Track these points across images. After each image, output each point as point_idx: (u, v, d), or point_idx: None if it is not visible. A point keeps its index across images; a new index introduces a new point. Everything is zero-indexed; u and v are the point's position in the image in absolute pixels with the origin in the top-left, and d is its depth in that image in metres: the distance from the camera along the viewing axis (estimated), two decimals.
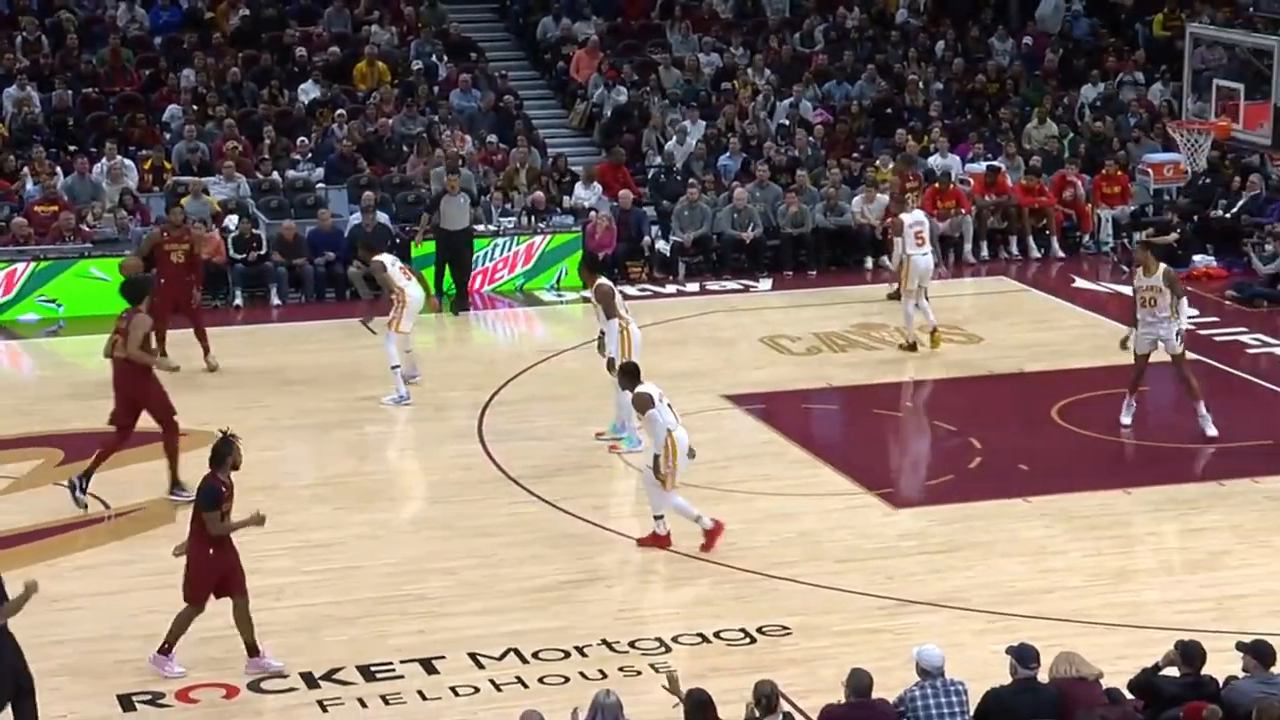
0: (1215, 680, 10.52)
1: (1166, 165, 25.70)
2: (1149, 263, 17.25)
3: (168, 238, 19.52)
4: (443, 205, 22.68)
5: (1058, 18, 30.47)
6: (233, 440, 12.38)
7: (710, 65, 28.54)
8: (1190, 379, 17.22)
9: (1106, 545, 14.75)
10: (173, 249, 19.45)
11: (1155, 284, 17.07)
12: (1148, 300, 17.13)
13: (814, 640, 12.92)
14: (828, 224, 24.43)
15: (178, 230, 19.70)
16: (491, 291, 23.28)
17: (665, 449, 14.28)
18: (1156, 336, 17.12)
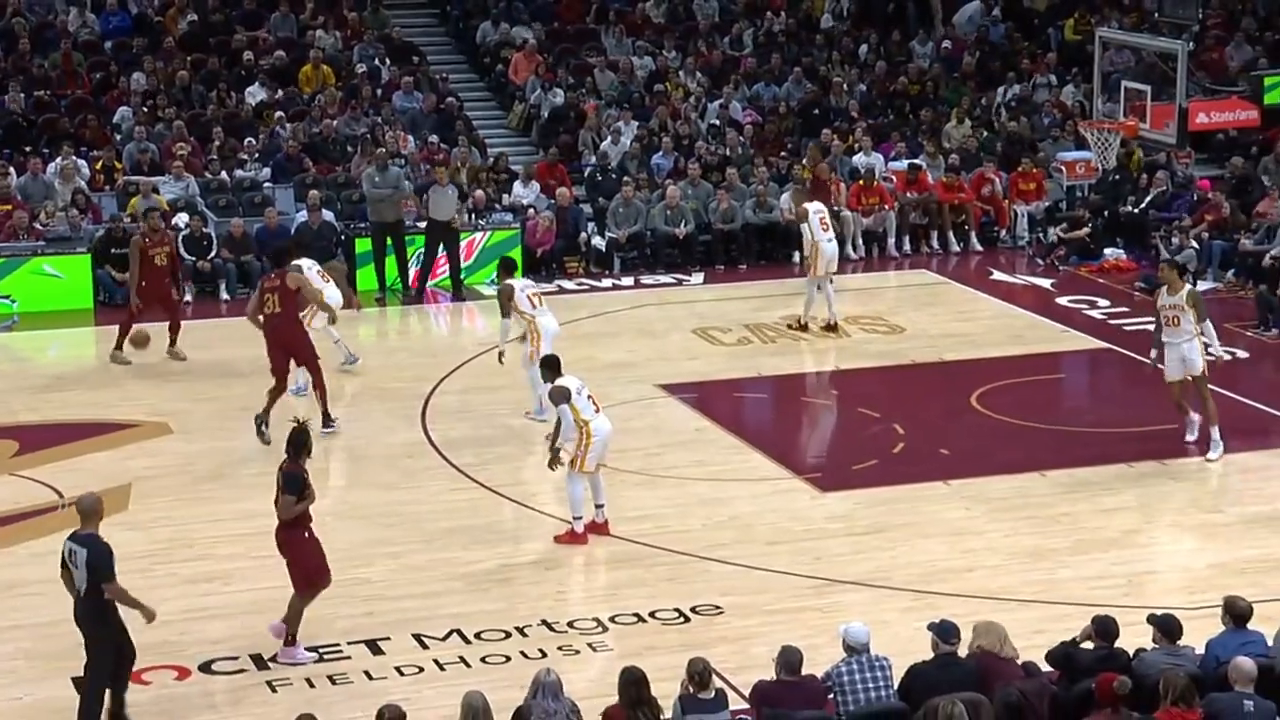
0: (1126, 652, 10.61)
1: (1079, 163, 25.84)
2: (1173, 281, 16.37)
3: (149, 242, 19.40)
4: (430, 195, 22.65)
5: (973, 26, 30.60)
6: (308, 429, 12.34)
7: (643, 68, 28.52)
8: (1208, 400, 16.38)
9: (1023, 525, 14.85)
10: (156, 252, 19.36)
11: (1178, 303, 16.21)
12: (1171, 320, 16.26)
13: (745, 619, 12.95)
14: (757, 220, 24.45)
15: (157, 234, 19.59)
16: (434, 286, 23.18)
17: (580, 439, 14.20)
18: (1182, 357, 16.23)
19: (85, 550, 10.81)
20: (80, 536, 10.94)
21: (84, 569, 10.79)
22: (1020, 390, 18.59)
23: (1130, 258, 24.15)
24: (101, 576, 10.78)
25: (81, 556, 10.81)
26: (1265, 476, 16.30)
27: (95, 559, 10.78)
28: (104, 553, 10.82)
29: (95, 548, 10.83)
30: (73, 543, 10.96)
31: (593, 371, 18.93)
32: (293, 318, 17.02)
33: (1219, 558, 14.10)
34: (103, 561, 10.78)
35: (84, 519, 11.02)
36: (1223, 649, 10.59)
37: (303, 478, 12.15)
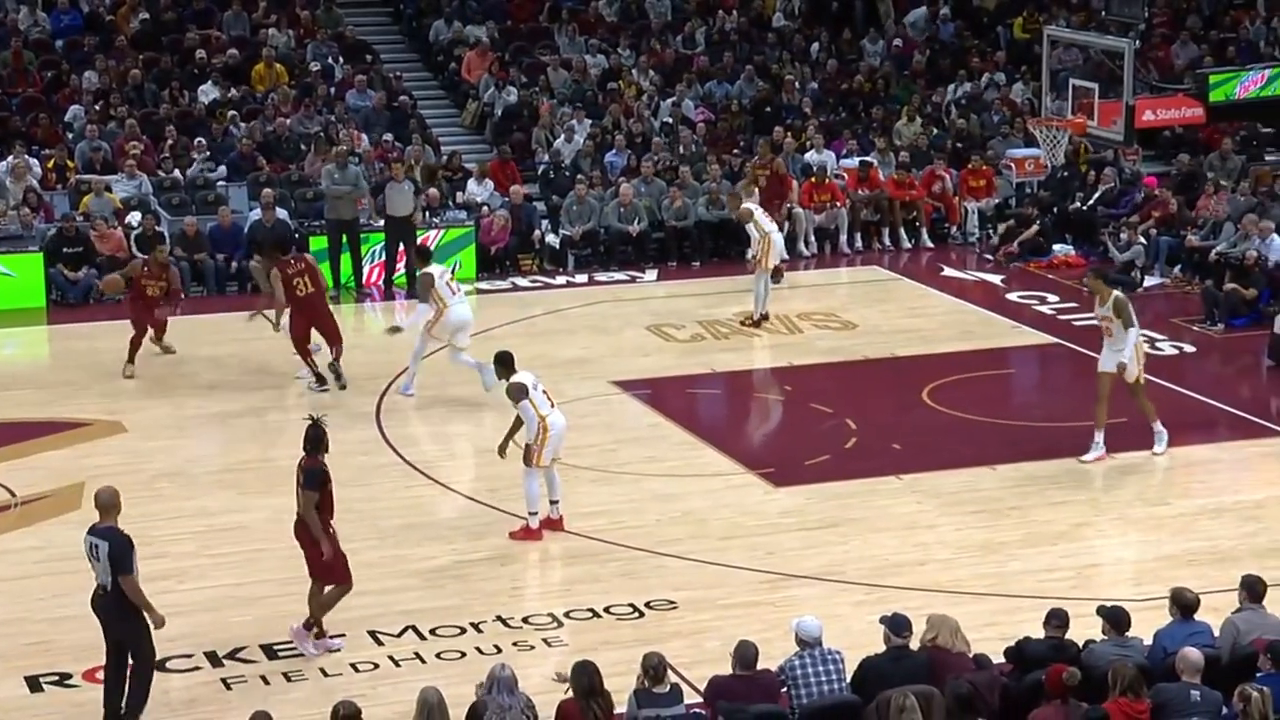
0: (1076, 644, 10.69)
1: (1028, 160, 26.00)
2: (1100, 290, 16.11)
3: (147, 273, 19.06)
4: (388, 192, 22.59)
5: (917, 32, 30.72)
6: (323, 424, 12.33)
7: (597, 66, 28.51)
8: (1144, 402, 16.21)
9: (974, 519, 14.93)
10: (149, 284, 19.03)
11: (1107, 313, 15.97)
12: (1105, 330, 16.06)
13: (699, 614, 12.97)
14: (710, 217, 24.47)
15: (158, 268, 19.21)
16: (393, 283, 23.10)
17: (537, 433, 14.23)
18: (1119, 362, 15.92)
19: (107, 543, 10.88)
20: (100, 530, 10.99)
21: (106, 561, 10.85)
22: (971, 385, 18.69)
23: (1079, 254, 24.30)
24: (121, 568, 10.85)
25: (104, 549, 10.87)
26: (1211, 470, 16.44)
27: (117, 551, 10.85)
28: (125, 545, 10.91)
29: (116, 540, 10.91)
30: (94, 536, 10.99)
31: (547, 368, 18.90)
32: (323, 289, 18.60)
33: (1166, 550, 14.21)
34: (124, 554, 10.87)
35: (103, 512, 11.08)
36: (1170, 640, 10.68)
37: (324, 472, 12.17)
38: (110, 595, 10.94)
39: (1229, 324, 20.90)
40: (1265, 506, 15.30)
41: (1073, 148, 24.73)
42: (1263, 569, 12.13)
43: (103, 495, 11.15)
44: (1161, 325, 21.11)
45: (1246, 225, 21.98)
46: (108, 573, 10.89)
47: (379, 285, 23.14)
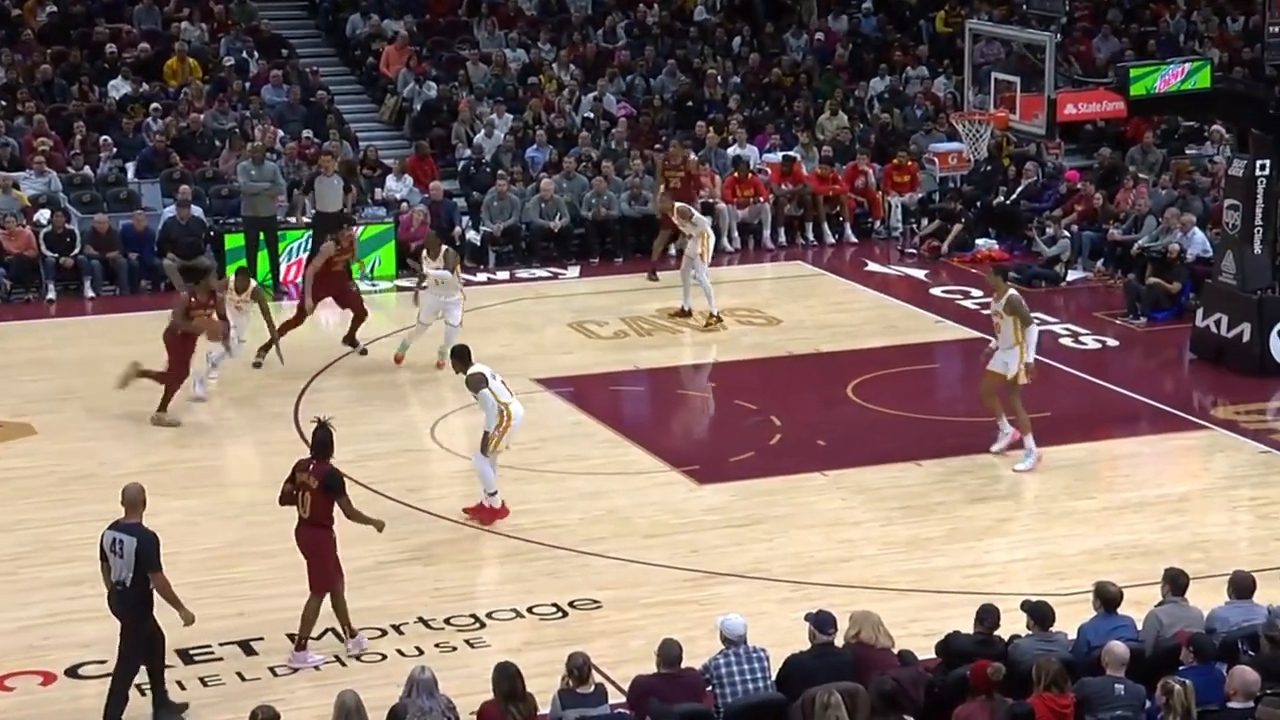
0: (1003, 639, 10.77)
1: (951, 154, 26.18)
2: (997, 286, 16.12)
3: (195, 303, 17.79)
4: (317, 186, 22.40)
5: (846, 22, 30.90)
6: (330, 428, 12.30)
7: (517, 61, 28.46)
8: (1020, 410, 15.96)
9: (899, 515, 15.02)
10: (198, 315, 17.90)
11: (999, 309, 15.97)
12: (996, 326, 16.08)
13: (624, 613, 12.98)
14: (632, 213, 24.49)
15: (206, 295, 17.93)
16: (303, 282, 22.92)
17: (500, 421, 14.39)
18: (1004, 361, 15.91)
19: (135, 539, 10.95)
20: (126, 525, 11.06)
21: (131, 558, 10.90)
22: (895, 380, 18.80)
23: (1002, 248, 24.49)
24: (150, 565, 10.92)
25: (130, 545, 10.93)
26: (1135, 463, 16.63)
27: (144, 548, 10.92)
28: (152, 542, 10.99)
29: (144, 537, 10.98)
30: (118, 532, 11.05)
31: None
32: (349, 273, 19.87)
33: (1090, 544, 14.35)
34: (152, 550, 10.95)
35: (129, 509, 11.15)
36: (1094, 634, 10.79)
37: (340, 474, 12.16)
38: (129, 589, 10.99)
39: (1151, 318, 21.14)
40: (1188, 500, 15.49)
41: (995, 142, 24.91)
42: (1185, 562, 12.29)
43: (129, 491, 11.24)
44: (1084, 319, 21.34)
45: (1169, 219, 22.24)
46: (129, 569, 10.94)
47: (296, 284, 22.95)
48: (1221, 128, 25.58)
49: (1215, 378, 18.96)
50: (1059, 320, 21.30)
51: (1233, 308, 19.02)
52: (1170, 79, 17.85)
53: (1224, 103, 19.91)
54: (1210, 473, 16.40)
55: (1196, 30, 30.81)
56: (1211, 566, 13.11)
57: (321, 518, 12.12)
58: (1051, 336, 20.69)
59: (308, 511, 12.14)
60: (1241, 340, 18.91)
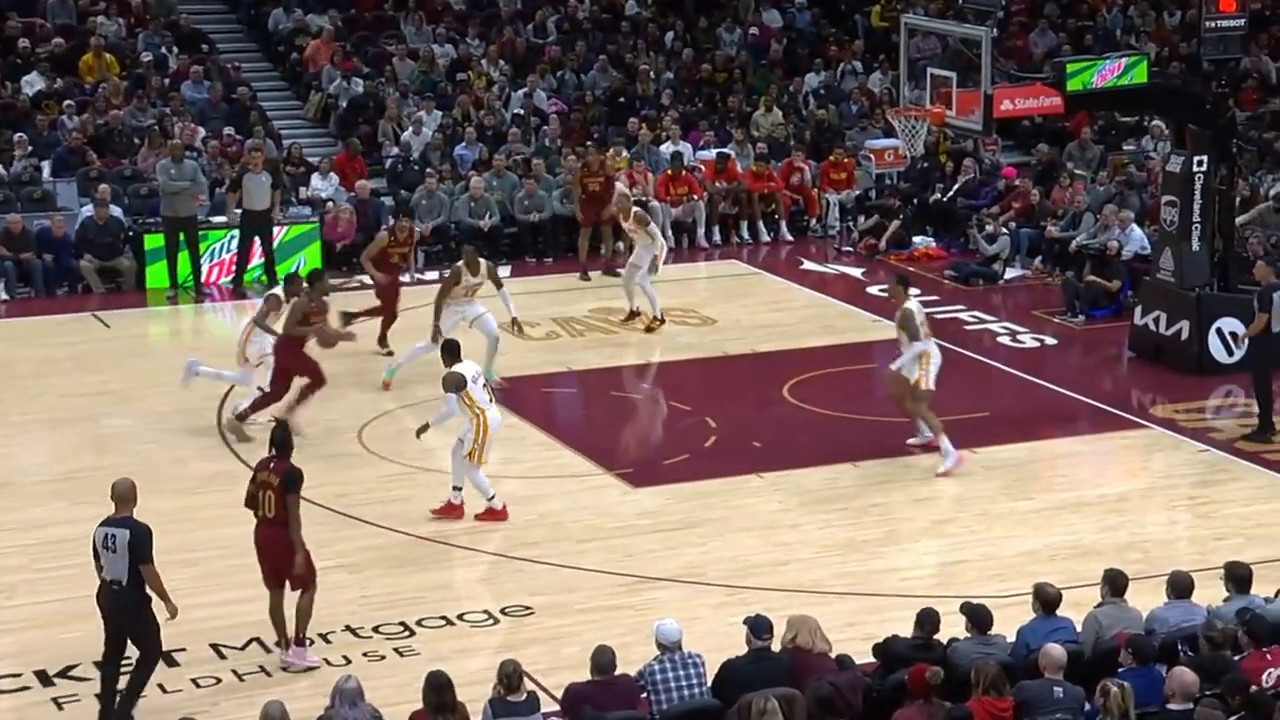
0: (942, 643, 10.83)
1: (887, 151, 26.33)
2: (896, 295, 16.50)
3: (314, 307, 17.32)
4: (245, 183, 22.25)
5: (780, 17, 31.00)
6: (288, 426, 12.33)
7: (445, 56, 28.39)
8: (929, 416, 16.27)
9: (836, 517, 15.08)
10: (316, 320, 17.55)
11: (896, 323, 16.47)
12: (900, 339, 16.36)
13: (557, 619, 12.97)
14: (564, 211, 24.47)
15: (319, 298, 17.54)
16: (228, 283, 22.81)
17: (476, 429, 14.44)
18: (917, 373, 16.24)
19: (126, 532, 11.03)
20: (117, 520, 11.14)
21: (124, 551, 10.98)
22: (832, 381, 18.88)
23: (940, 246, 24.65)
24: (142, 557, 10.99)
25: (122, 539, 11.00)
26: (1073, 463, 16.75)
27: (137, 539, 11.00)
28: (145, 534, 11.07)
29: (136, 529, 11.07)
30: (110, 527, 11.12)
31: None
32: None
33: (1028, 545, 14.45)
34: (144, 542, 11.03)
35: (119, 503, 11.21)
36: (1033, 636, 10.87)
37: (301, 474, 12.16)
38: (126, 589, 11.05)
39: (1090, 316, 21.32)
40: (1127, 500, 15.63)
41: (932, 138, 25.11)
42: (1124, 563, 12.41)
43: (120, 486, 11.28)
44: (1022, 318, 21.51)
45: (1107, 216, 22.43)
46: (124, 564, 10.99)
47: (219, 285, 22.82)
48: (1160, 123, 25.84)
49: (1154, 376, 19.15)
50: (997, 319, 21.45)
51: (1171, 305, 19.20)
52: (1107, 74, 18.01)
53: (1160, 98, 20.12)
54: (1149, 472, 16.55)
55: (1133, 25, 31.12)
56: (1151, 567, 13.23)
57: (284, 517, 12.11)
58: (990, 335, 20.89)
59: (271, 511, 12.10)
60: (1180, 338, 19.10)
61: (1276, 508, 15.18)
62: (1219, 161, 18.84)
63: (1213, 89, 19.85)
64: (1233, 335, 18.84)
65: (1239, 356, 18.89)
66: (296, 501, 12.07)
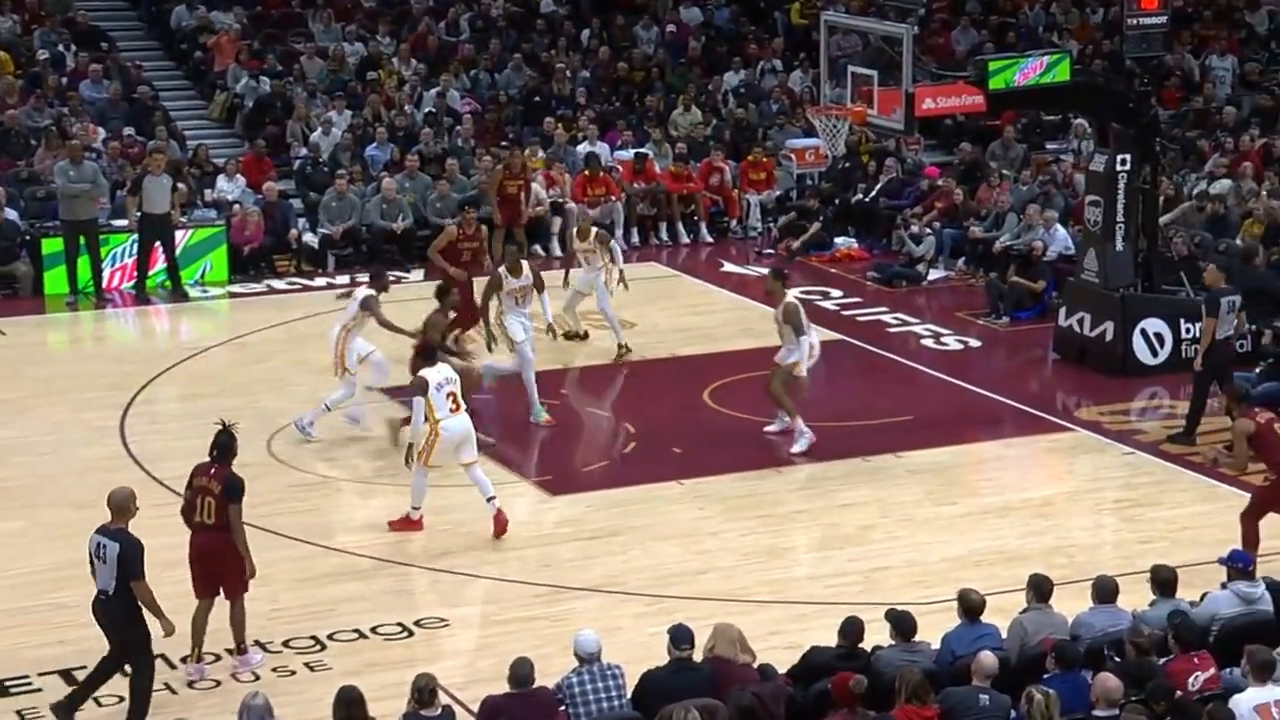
0: (866, 651, 10.88)
1: (808, 150, 26.44)
2: (776, 292, 16.74)
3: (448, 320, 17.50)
4: (145, 186, 22.04)
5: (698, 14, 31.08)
6: (233, 431, 12.21)
7: (355, 55, 28.26)
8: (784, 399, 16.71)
9: (759, 524, 15.12)
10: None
11: (777, 316, 16.70)
12: (777, 330, 16.75)
13: (472, 631, 12.96)
14: (480, 213, 24.33)
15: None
16: (130, 289, 22.59)
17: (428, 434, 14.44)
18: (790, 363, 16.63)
19: (117, 545, 11.03)
20: (111, 531, 11.14)
21: (114, 564, 11.00)
22: (754, 385, 18.85)
23: (862, 247, 24.79)
24: (132, 573, 11.00)
25: (113, 551, 11.02)
26: (998, 467, 16.90)
27: (127, 553, 11.01)
28: (136, 548, 11.07)
29: (127, 542, 11.06)
30: (103, 536, 11.13)
31: (308, 374, 18.81)
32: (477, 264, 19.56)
33: (953, 551, 14.55)
34: (135, 557, 11.03)
35: (115, 514, 11.22)
36: (958, 643, 10.94)
37: (243, 481, 12.10)
38: (114, 599, 11.05)
39: (1014, 317, 21.50)
40: (1053, 504, 15.77)
41: (855, 138, 25.23)
42: (1050, 567, 12.54)
43: (115, 496, 11.33)
44: (946, 319, 21.66)
45: (1030, 216, 22.63)
46: (112, 575, 11.02)
47: (120, 290, 22.61)
48: (1083, 122, 26.11)
49: (1079, 378, 19.33)
50: (920, 321, 21.60)
51: (1095, 306, 19.39)
52: (1029, 72, 18.16)
53: (1083, 96, 20.30)
54: (1074, 475, 16.71)
55: (1056, 22, 31.45)
56: (1077, 571, 13.35)
57: (226, 523, 12.06)
58: (914, 337, 21.02)
59: (211, 517, 12.05)
60: (1104, 339, 19.30)
61: (1201, 511, 15.36)
62: (1142, 160, 19.05)
63: (1135, 87, 20.09)
64: (1157, 336, 19.08)
65: (1164, 358, 19.13)
66: (239, 511, 12.05)
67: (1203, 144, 26.05)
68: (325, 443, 16.93)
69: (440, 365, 14.85)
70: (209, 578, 12.11)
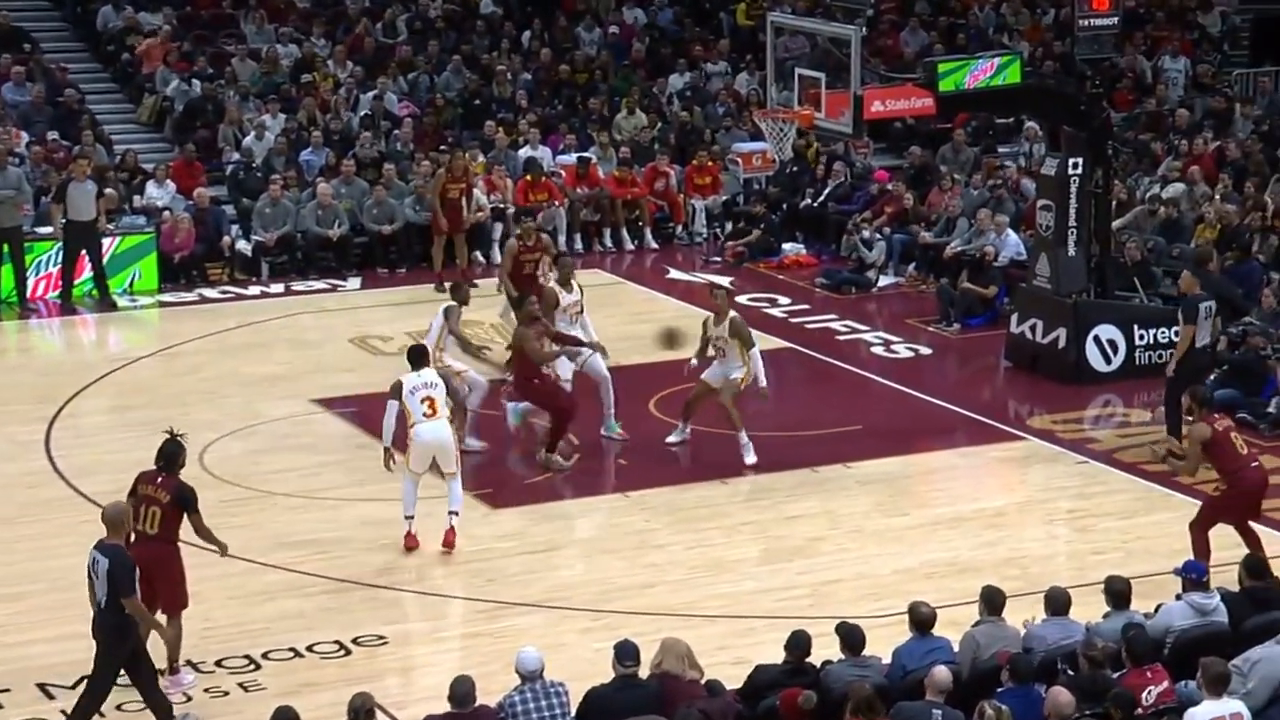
0: (815, 666, 10.90)
1: (755, 154, 26.50)
2: (720, 309, 16.71)
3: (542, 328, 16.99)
4: (70, 192, 21.87)
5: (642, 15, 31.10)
6: (179, 441, 12.19)
7: (288, 56, 28.15)
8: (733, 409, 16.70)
9: (706, 537, 15.14)
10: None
11: (722, 333, 16.56)
12: (719, 350, 16.61)
13: (412, 648, 12.92)
14: (418, 219, 24.33)
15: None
16: (55, 298, 22.43)
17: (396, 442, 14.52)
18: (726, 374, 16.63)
19: (108, 560, 11.12)
20: (105, 546, 11.24)
21: (104, 579, 11.08)
22: None
23: (810, 253, 24.85)
24: (122, 590, 11.08)
25: (103, 566, 11.10)
26: (950, 477, 16.96)
27: (117, 570, 11.09)
28: (127, 565, 11.15)
29: (117, 558, 11.15)
30: (97, 552, 11.23)
31: (242, 386, 18.76)
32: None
33: (905, 563, 14.59)
34: (125, 574, 11.11)
35: (110, 528, 11.33)
36: (909, 657, 10.97)
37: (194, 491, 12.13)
38: (106, 613, 11.16)
39: (965, 324, 21.59)
40: (1005, 514, 15.85)
41: (804, 141, 25.32)
42: (1003, 579, 12.57)
43: (108, 511, 11.42)
44: (896, 326, 21.73)
45: (981, 221, 22.73)
46: (104, 591, 11.11)
47: (45, 300, 22.44)
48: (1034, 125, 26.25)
49: (1031, 386, 19.43)
50: (870, 328, 21.67)
51: (1048, 312, 19.49)
52: (979, 74, 18.26)
53: (1034, 99, 20.43)
54: (1027, 485, 16.79)
55: (1006, 23, 31.61)
56: (1030, 584, 13.39)
57: (170, 534, 12.05)
58: (863, 345, 21.09)
59: (155, 527, 12.01)
60: (1057, 346, 19.40)
61: (1156, 520, 15.46)
62: (1094, 164, 19.16)
63: (1087, 89, 20.24)
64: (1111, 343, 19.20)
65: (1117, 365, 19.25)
66: (200, 518, 12.13)
67: (1156, 147, 26.24)
68: (260, 454, 16.86)
69: (423, 370, 14.77)
70: (147, 591, 12.02)
